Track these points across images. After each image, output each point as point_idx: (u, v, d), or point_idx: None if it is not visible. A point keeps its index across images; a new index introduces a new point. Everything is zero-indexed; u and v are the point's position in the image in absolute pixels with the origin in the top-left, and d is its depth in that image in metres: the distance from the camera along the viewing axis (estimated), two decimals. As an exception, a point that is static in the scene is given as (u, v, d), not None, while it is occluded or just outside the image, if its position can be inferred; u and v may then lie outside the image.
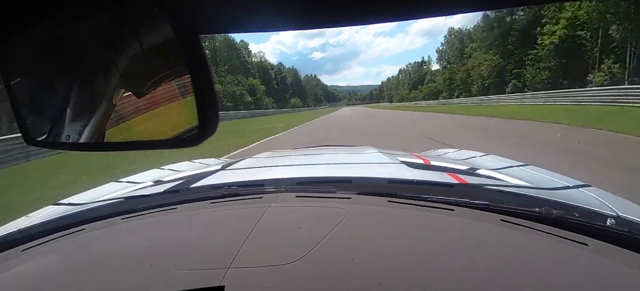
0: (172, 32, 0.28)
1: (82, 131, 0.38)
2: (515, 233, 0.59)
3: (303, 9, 0.34)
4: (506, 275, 0.47)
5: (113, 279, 0.51)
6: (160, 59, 0.33)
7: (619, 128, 7.52)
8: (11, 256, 0.64)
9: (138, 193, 1.06)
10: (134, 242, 0.64)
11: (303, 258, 0.51)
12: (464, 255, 0.52)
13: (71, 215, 0.83)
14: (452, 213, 0.66)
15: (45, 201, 1.15)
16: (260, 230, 0.61)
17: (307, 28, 0.38)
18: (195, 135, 0.31)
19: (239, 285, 0.46)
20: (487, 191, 0.83)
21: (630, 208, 0.79)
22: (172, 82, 0.32)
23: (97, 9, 0.32)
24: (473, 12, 0.36)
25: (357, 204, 0.71)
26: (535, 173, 1.24)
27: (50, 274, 0.55)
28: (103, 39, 0.34)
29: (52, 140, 0.40)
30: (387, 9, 0.35)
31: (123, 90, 0.36)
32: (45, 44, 0.36)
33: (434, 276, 0.47)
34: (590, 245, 0.54)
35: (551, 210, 0.64)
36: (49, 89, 0.40)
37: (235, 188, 0.86)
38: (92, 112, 0.38)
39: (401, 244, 0.55)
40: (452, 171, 1.23)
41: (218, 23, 0.38)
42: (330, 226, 0.60)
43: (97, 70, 0.36)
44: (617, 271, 0.49)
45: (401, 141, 8.63)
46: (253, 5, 0.34)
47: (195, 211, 0.75)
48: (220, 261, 0.51)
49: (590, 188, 0.95)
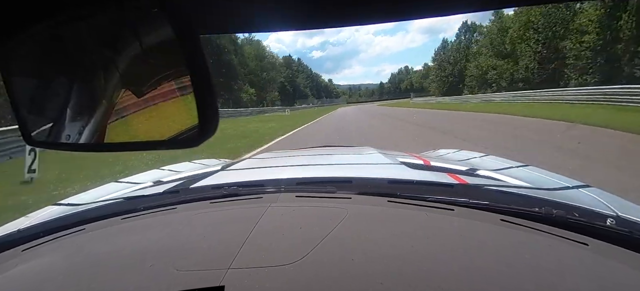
0: (172, 32, 0.28)
1: (82, 131, 0.38)
2: (515, 233, 0.59)
3: (303, 9, 0.34)
4: (506, 275, 0.47)
5: (113, 279, 0.51)
6: (160, 59, 0.33)
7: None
8: (11, 256, 0.64)
9: (138, 193, 1.06)
10: (134, 242, 0.64)
11: (303, 259, 0.51)
12: (464, 254, 0.52)
13: (71, 215, 0.83)
14: (452, 213, 0.66)
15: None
16: (260, 230, 0.61)
17: (307, 28, 0.38)
18: (195, 135, 0.31)
19: (239, 285, 0.46)
20: (487, 191, 0.83)
21: (630, 208, 0.79)
22: (172, 82, 0.32)
23: (97, 9, 0.32)
24: (473, 12, 0.36)
25: (357, 204, 0.71)
26: (535, 173, 1.24)
27: (50, 274, 0.55)
28: (103, 39, 0.34)
29: (52, 141, 0.40)
30: (387, 9, 0.35)
31: (123, 91, 0.36)
32: (45, 44, 0.36)
33: (434, 276, 0.47)
34: (590, 245, 0.54)
35: (551, 210, 0.64)
36: (49, 89, 0.40)
37: (235, 189, 0.86)
38: (92, 113, 0.38)
39: (401, 244, 0.55)
40: (452, 171, 1.23)
41: (218, 23, 0.38)
42: (330, 226, 0.60)
43: (97, 70, 0.36)
44: (617, 271, 0.49)
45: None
46: (253, 5, 0.34)
47: (195, 211, 0.75)
48: (220, 261, 0.51)
49: (590, 189, 0.95)
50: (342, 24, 0.36)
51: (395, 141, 9.00)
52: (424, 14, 0.34)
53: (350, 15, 0.35)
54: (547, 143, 7.02)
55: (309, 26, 0.38)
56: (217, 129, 0.31)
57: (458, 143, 7.13)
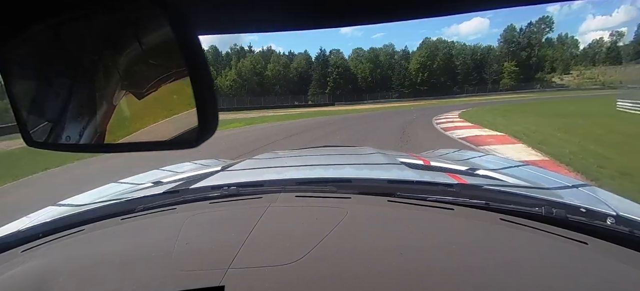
0: (172, 32, 0.28)
1: (82, 132, 0.38)
2: (515, 232, 0.59)
3: (303, 9, 0.34)
4: (506, 274, 0.47)
5: (113, 279, 0.51)
6: (160, 59, 0.33)
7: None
8: (11, 257, 0.64)
9: (138, 194, 1.06)
10: (134, 243, 0.64)
11: (303, 258, 0.51)
12: (463, 253, 0.52)
13: (71, 215, 0.83)
14: (451, 212, 0.66)
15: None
16: (260, 230, 0.61)
17: (307, 28, 0.38)
18: (195, 136, 0.31)
19: (239, 285, 0.46)
20: (486, 191, 0.83)
21: (630, 207, 0.79)
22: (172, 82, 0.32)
23: (97, 9, 0.32)
24: (473, 11, 0.36)
25: (357, 204, 0.71)
26: (535, 173, 1.24)
27: (50, 274, 0.55)
28: (103, 39, 0.34)
29: (52, 141, 0.40)
30: (387, 9, 0.35)
31: (123, 91, 0.36)
32: (45, 44, 0.36)
33: (434, 276, 0.47)
34: (590, 244, 0.54)
35: (551, 209, 0.64)
36: (49, 89, 0.39)
37: (235, 189, 0.86)
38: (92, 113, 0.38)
39: (401, 244, 0.55)
40: (451, 171, 1.23)
41: (218, 23, 0.38)
42: (330, 226, 0.60)
43: (97, 70, 0.35)
44: (617, 269, 0.49)
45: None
46: (253, 5, 0.34)
47: (195, 211, 0.75)
48: (220, 261, 0.51)
49: (589, 188, 0.95)
50: (343, 24, 0.36)
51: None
52: (424, 14, 0.34)
53: (351, 15, 0.35)
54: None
55: (309, 26, 0.38)
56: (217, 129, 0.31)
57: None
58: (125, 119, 0.36)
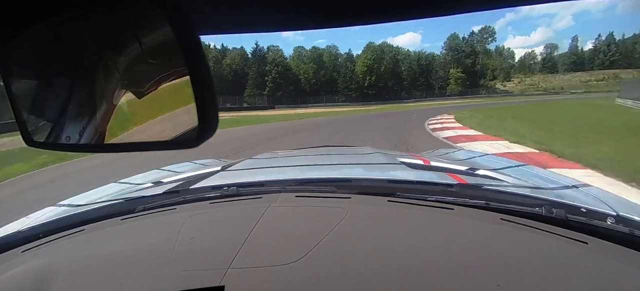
0: (172, 32, 0.28)
1: (82, 132, 0.38)
2: (515, 232, 0.59)
3: (303, 9, 0.34)
4: (506, 274, 0.47)
5: (113, 280, 0.51)
6: (160, 59, 0.33)
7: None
8: (11, 257, 0.64)
9: (138, 194, 1.06)
10: (134, 243, 0.64)
11: (303, 258, 0.51)
12: (464, 253, 0.52)
13: (71, 215, 0.83)
14: (451, 212, 0.66)
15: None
16: (260, 230, 0.61)
17: (307, 28, 0.38)
18: (195, 135, 0.31)
19: (239, 285, 0.46)
20: (486, 191, 0.83)
21: (630, 207, 0.79)
22: (172, 82, 0.32)
23: (97, 9, 0.32)
24: (473, 12, 0.36)
25: (357, 204, 0.71)
26: (535, 173, 1.24)
27: (50, 275, 0.55)
28: (103, 39, 0.34)
29: (52, 141, 0.40)
30: (387, 9, 0.35)
31: (123, 91, 0.36)
32: (45, 44, 0.36)
33: (434, 275, 0.47)
34: (590, 244, 0.54)
35: (551, 209, 0.64)
36: (49, 89, 0.39)
37: (235, 189, 0.86)
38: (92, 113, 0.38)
39: (401, 243, 0.55)
40: (451, 171, 1.23)
41: (218, 23, 0.38)
42: (330, 226, 0.60)
43: (97, 70, 0.35)
44: (617, 269, 0.49)
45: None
46: (253, 5, 0.34)
47: (195, 211, 0.75)
48: (220, 261, 0.51)
49: (589, 188, 0.95)
50: (343, 24, 0.36)
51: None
52: (424, 14, 0.35)
53: (351, 15, 0.35)
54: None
55: (309, 26, 0.38)
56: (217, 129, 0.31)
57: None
58: (125, 119, 0.36)
